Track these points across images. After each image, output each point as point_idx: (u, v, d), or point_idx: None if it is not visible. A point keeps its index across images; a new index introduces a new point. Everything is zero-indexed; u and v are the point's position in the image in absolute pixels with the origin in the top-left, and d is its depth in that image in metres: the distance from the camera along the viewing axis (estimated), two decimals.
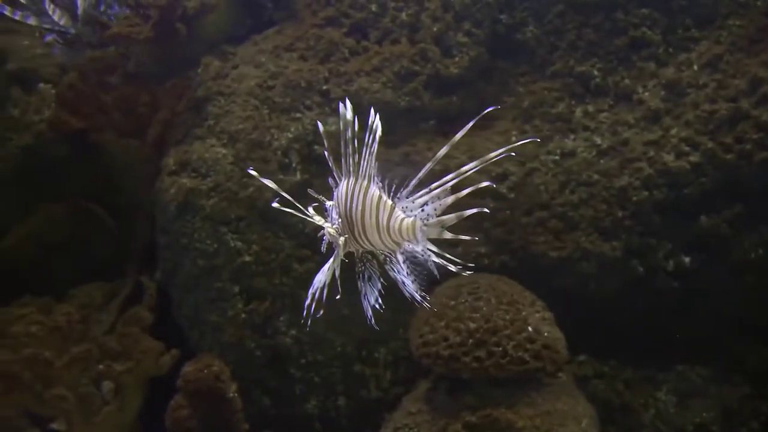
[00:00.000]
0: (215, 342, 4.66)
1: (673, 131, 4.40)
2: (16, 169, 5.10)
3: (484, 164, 2.15)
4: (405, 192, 2.21)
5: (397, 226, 2.18)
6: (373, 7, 4.91)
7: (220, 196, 4.59)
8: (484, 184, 2.11)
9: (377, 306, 2.40)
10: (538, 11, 4.82)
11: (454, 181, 2.15)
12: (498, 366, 3.88)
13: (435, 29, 4.80)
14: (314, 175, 4.58)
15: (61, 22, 3.91)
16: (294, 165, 4.62)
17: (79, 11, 4.01)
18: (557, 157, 4.56)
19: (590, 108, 4.67)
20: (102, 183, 5.30)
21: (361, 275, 2.39)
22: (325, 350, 4.58)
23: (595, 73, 4.69)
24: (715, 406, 4.35)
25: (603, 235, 4.42)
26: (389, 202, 2.19)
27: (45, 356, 4.38)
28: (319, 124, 2.42)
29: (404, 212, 2.18)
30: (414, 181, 2.19)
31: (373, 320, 2.41)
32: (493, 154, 2.13)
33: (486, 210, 2.13)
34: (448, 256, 2.19)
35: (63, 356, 4.41)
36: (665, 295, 4.38)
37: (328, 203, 2.33)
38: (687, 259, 4.35)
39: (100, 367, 4.49)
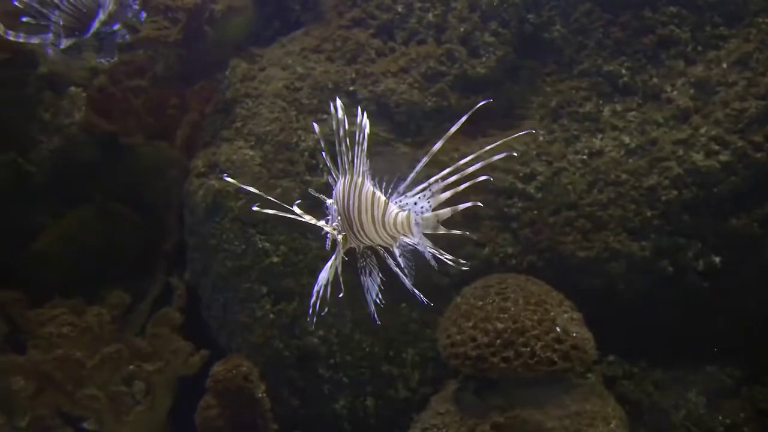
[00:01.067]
0: (244, 342, 4.68)
1: (703, 130, 4.37)
2: (47, 172, 5.16)
3: (480, 157, 2.19)
4: (402, 187, 2.26)
5: (391, 220, 2.25)
6: (400, 8, 4.91)
7: (248, 197, 4.62)
8: (482, 178, 2.16)
9: (377, 300, 2.45)
10: (565, 10, 4.80)
11: (454, 178, 2.20)
12: (526, 366, 3.87)
13: (462, 29, 4.79)
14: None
15: (60, 23, 3.94)
16: (321, 166, 4.64)
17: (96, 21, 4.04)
18: (585, 157, 4.54)
19: (618, 107, 4.64)
20: (132, 185, 5.35)
21: (362, 270, 2.45)
22: (353, 350, 4.59)
23: (623, 71, 4.66)
24: (746, 407, 4.31)
25: (632, 234, 4.40)
26: (383, 197, 2.25)
27: (76, 356, 4.43)
28: (315, 125, 2.45)
29: (402, 207, 2.23)
30: (411, 176, 2.24)
31: (375, 314, 2.48)
32: (488, 147, 2.18)
33: (479, 204, 2.16)
34: (444, 254, 2.25)
35: (94, 356, 4.46)
36: (695, 295, 4.35)
37: (328, 201, 2.39)
38: (717, 259, 4.31)
39: (131, 367, 4.53)
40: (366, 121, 2.25)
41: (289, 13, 5.36)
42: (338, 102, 2.28)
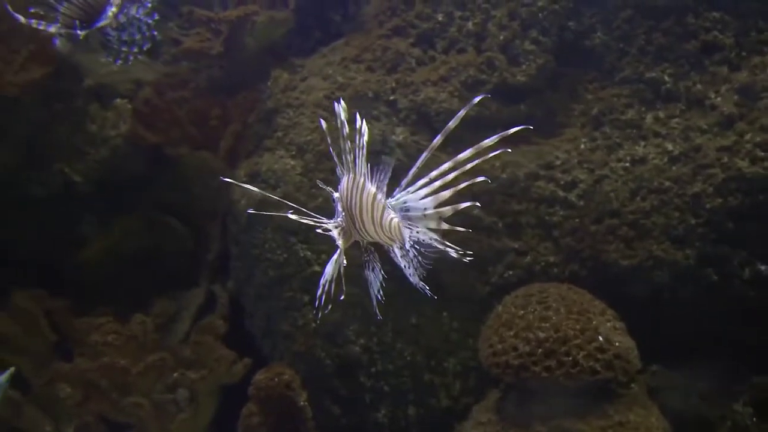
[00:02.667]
0: (286, 351, 4.71)
1: (748, 136, 4.30)
2: (94, 182, 5.24)
3: (480, 152, 2.27)
4: (404, 182, 2.34)
5: (387, 224, 2.33)
6: (440, 17, 4.92)
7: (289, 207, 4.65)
8: (480, 179, 2.22)
9: (378, 296, 2.51)
10: (606, 17, 4.76)
11: (454, 174, 2.27)
12: (568, 376, 3.84)
13: (501, 38, 4.79)
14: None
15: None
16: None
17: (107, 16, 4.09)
18: (628, 164, 4.50)
19: (661, 114, 4.59)
20: (176, 195, 5.42)
21: (366, 265, 2.52)
22: (395, 359, 4.60)
23: (666, 78, 4.62)
24: None
25: (676, 242, 4.34)
26: (382, 201, 2.32)
27: (122, 364, 4.50)
28: (322, 121, 2.51)
29: (407, 203, 2.32)
30: (412, 172, 2.32)
31: (378, 310, 2.55)
32: (487, 141, 2.25)
33: (477, 204, 2.24)
34: (449, 245, 2.31)
35: (139, 364, 4.53)
36: (741, 304, 4.27)
37: (335, 195, 2.47)
38: (763, 267, 4.24)
39: (175, 375, 4.58)
40: (365, 127, 2.34)
41: (329, 23, 5.40)
42: (342, 103, 2.37)
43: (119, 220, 5.34)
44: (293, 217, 2.46)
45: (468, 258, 2.29)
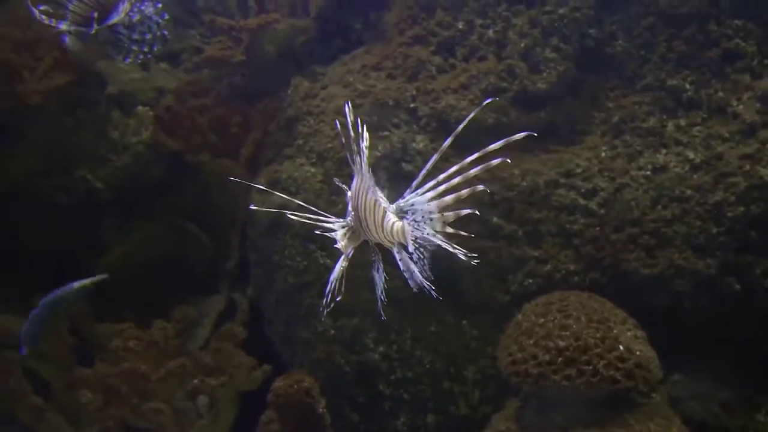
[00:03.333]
0: (305, 358, 4.72)
1: None
2: (115, 189, 5.28)
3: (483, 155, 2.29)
4: (414, 183, 2.40)
5: (389, 228, 2.38)
6: (461, 25, 4.92)
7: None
8: (480, 187, 2.26)
9: (382, 298, 2.55)
10: (627, 24, 4.75)
11: (458, 179, 2.32)
12: (588, 385, 3.82)
13: (522, 45, 4.78)
14: (402, 192, 4.61)
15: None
16: (382, 183, 4.65)
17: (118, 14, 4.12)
18: (649, 173, 4.48)
19: (683, 122, 4.57)
20: (197, 202, 5.45)
21: (373, 265, 2.56)
22: (414, 367, 4.59)
23: (688, 86, 4.59)
24: None
25: (697, 251, 4.32)
26: (382, 206, 2.39)
27: (142, 370, 4.52)
28: (337, 122, 2.56)
29: (415, 204, 2.37)
30: (422, 173, 2.38)
31: (382, 310, 2.59)
32: (492, 146, 2.27)
33: (476, 212, 2.26)
34: (455, 246, 2.35)
35: (159, 370, 4.55)
36: (763, 313, 4.24)
37: (349, 193, 2.53)
38: None
39: (195, 381, 4.60)
40: (366, 134, 2.39)
41: (350, 31, 5.41)
42: (349, 105, 2.40)
43: (140, 226, 5.38)
44: (293, 216, 2.53)
45: (476, 261, 2.33)
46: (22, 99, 4.86)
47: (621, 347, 3.86)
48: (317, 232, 2.53)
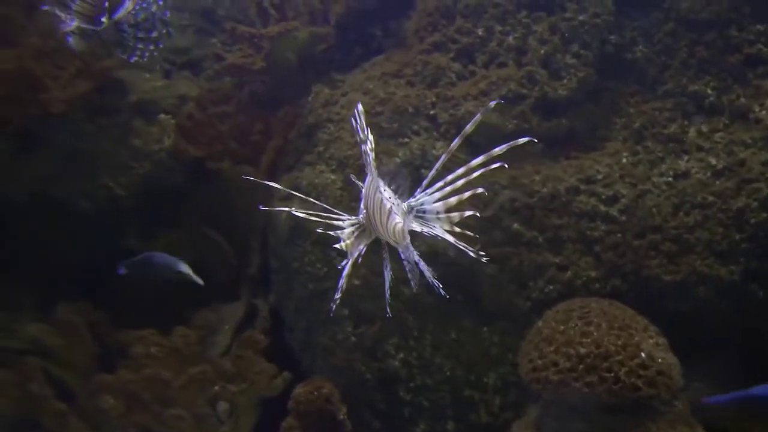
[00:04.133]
0: (326, 364, 4.72)
1: None
2: (137, 196, 5.31)
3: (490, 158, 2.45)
4: (425, 182, 2.51)
5: (391, 227, 2.45)
6: (480, 32, 4.92)
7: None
8: (480, 190, 2.37)
9: (387, 295, 2.67)
10: (648, 30, 4.73)
11: (462, 181, 2.46)
12: (610, 392, 3.80)
13: (542, 52, 4.77)
14: (413, 192, 4.62)
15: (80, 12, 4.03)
16: (403, 186, 4.65)
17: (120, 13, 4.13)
18: (670, 179, 4.46)
19: (704, 128, 4.54)
20: (218, 209, 5.47)
21: (383, 262, 2.65)
22: (434, 374, 4.59)
23: (709, 91, 4.57)
24: None
25: (720, 258, 4.29)
26: (387, 206, 2.46)
27: (164, 376, 4.54)
28: (352, 120, 2.61)
29: (424, 204, 2.50)
30: (431, 174, 2.48)
31: (388, 308, 2.70)
32: (497, 150, 2.45)
33: (477, 214, 2.38)
34: (463, 245, 2.43)
35: (180, 377, 4.57)
36: None
37: (363, 191, 2.60)
38: None
39: (216, 387, 4.62)
40: (371, 137, 2.46)
41: (370, 39, 5.42)
42: (360, 107, 2.46)
43: (162, 233, 5.40)
44: (301, 214, 2.60)
45: (485, 259, 2.42)
46: (45, 107, 4.91)
47: (643, 354, 3.84)
48: (318, 230, 2.60)
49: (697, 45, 4.63)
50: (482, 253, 2.42)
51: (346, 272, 2.57)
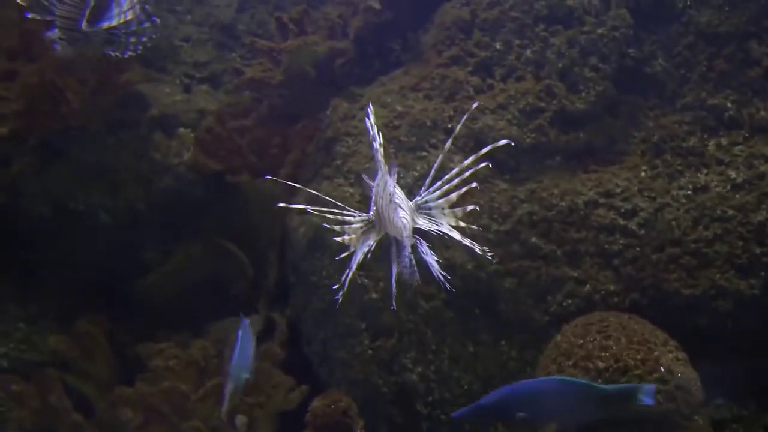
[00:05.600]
0: (343, 378, 4.72)
1: None
2: (157, 210, 5.35)
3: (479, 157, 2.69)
4: (427, 182, 2.73)
5: (395, 223, 2.60)
6: (498, 46, 4.93)
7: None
8: (473, 185, 2.62)
9: (393, 288, 2.77)
10: (666, 43, 4.73)
11: (457, 180, 2.71)
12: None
13: (560, 65, 4.77)
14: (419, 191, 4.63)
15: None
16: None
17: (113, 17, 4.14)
18: (690, 192, 4.44)
19: (724, 141, 4.53)
20: (237, 222, 5.49)
21: (392, 258, 2.77)
22: (452, 388, 4.57)
23: (729, 104, 4.55)
24: None
25: (740, 272, 4.26)
26: (396, 201, 2.60)
27: (182, 389, 4.55)
28: (366, 120, 2.70)
29: (428, 202, 2.70)
30: (431, 174, 2.72)
31: (393, 302, 2.80)
32: (483, 150, 2.70)
33: (477, 208, 2.64)
34: (470, 241, 2.61)
35: (199, 390, 4.57)
36: None
37: (374, 189, 2.74)
38: None
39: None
40: (381, 141, 2.66)
41: (388, 53, 5.43)
42: (371, 108, 2.69)
43: (181, 246, 5.43)
44: (312, 209, 2.78)
45: (489, 256, 2.61)
46: (66, 120, 4.95)
47: (662, 369, 3.81)
48: (324, 225, 2.73)
49: (717, 58, 4.62)
50: (486, 249, 2.59)
51: (354, 266, 2.72)
